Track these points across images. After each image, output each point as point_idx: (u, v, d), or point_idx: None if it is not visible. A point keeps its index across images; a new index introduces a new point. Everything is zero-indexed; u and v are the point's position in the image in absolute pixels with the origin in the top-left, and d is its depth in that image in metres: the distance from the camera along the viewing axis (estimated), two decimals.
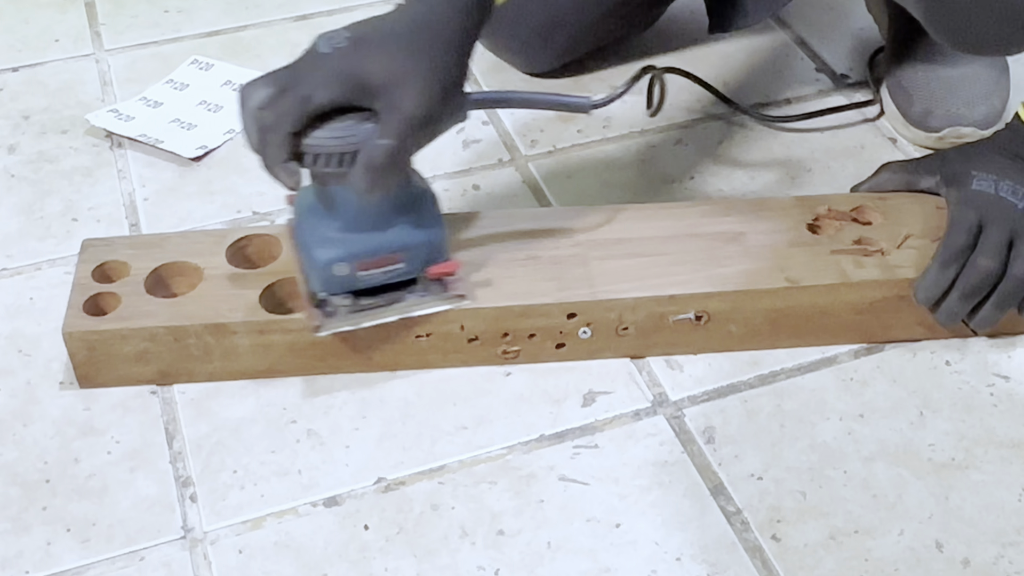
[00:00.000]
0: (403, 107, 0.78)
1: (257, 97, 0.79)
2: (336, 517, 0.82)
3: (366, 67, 0.78)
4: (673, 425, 0.88)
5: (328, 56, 0.79)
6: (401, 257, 0.86)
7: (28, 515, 0.82)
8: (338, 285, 0.86)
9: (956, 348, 0.93)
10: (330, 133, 0.79)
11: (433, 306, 0.88)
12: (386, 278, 0.87)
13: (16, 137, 1.18)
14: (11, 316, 0.98)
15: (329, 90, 0.78)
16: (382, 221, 0.85)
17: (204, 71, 1.26)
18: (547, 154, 1.14)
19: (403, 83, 0.78)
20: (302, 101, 0.78)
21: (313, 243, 0.85)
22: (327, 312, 0.86)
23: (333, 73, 0.79)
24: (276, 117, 0.78)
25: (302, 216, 0.87)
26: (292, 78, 0.79)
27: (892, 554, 0.79)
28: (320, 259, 0.84)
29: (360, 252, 0.85)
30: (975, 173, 0.92)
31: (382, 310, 0.87)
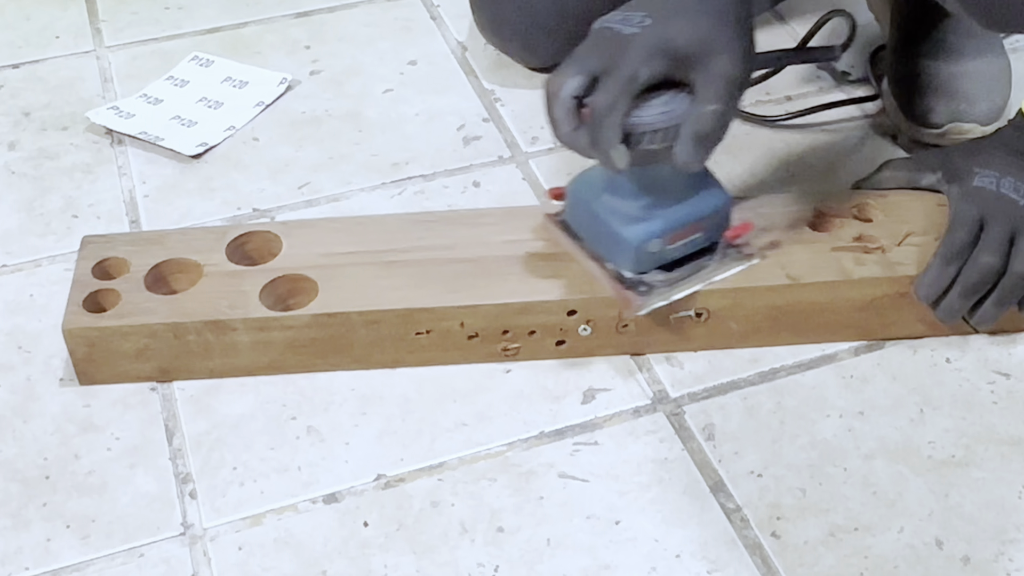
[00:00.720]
0: (724, 71, 0.79)
1: (570, 86, 0.80)
2: (336, 514, 0.82)
3: (680, 39, 0.79)
4: (673, 422, 0.88)
5: (638, 35, 0.80)
6: (702, 225, 0.87)
7: (28, 511, 0.83)
8: (651, 262, 0.87)
9: (956, 345, 0.93)
10: (656, 110, 0.80)
11: (734, 267, 0.89)
12: (689, 248, 0.88)
13: (17, 134, 1.18)
14: (11, 312, 0.98)
15: (652, 66, 0.79)
16: (681, 193, 0.86)
17: (204, 68, 1.25)
18: (548, 151, 1.14)
19: (718, 49, 0.79)
20: (628, 81, 0.79)
21: (621, 224, 0.86)
22: (640, 292, 0.87)
23: (650, 49, 0.79)
24: (610, 100, 0.79)
25: (595, 202, 0.87)
26: (606, 62, 0.80)
27: (892, 551, 0.79)
28: (634, 238, 0.85)
29: (669, 226, 0.86)
30: (977, 170, 0.92)
31: (691, 279, 0.88)
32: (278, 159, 1.13)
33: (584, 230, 0.90)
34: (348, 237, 0.94)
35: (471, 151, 1.14)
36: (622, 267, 0.87)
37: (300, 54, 1.28)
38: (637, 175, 0.84)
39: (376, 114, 1.19)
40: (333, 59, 1.27)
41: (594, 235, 0.89)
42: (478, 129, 1.17)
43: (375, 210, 1.07)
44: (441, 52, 1.27)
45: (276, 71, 1.24)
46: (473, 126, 1.17)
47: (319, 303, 0.89)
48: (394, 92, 1.22)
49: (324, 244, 0.93)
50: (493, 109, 1.19)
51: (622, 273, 0.87)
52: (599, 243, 0.88)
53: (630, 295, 0.87)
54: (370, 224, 0.97)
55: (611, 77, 0.79)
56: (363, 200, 1.09)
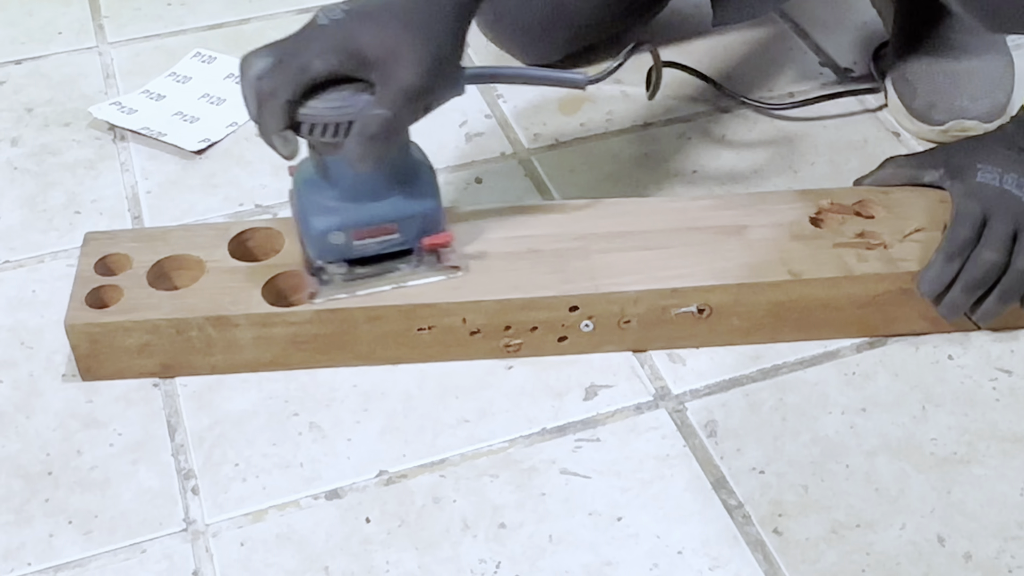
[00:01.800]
0: (398, 78, 0.79)
1: (256, 67, 0.80)
2: (338, 510, 0.82)
3: (362, 38, 0.79)
4: (675, 419, 0.88)
5: (326, 27, 0.80)
6: (396, 227, 0.87)
7: (30, 507, 0.83)
8: (334, 253, 0.87)
9: (959, 342, 0.93)
10: (326, 103, 0.80)
11: (427, 277, 0.89)
12: (381, 248, 0.88)
13: (19, 130, 1.18)
14: (14, 308, 0.98)
15: (325, 60, 0.79)
16: (379, 191, 0.86)
17: (207, 64, 1.26)
18: (549, 147, 1.14)
19: (398, 55, 0.79)
20: (299, 71, 0.79)
21: (310, 211, 0.87)
22: (323, 280, 0.88)
23: (330, 44, 0.80)
24: (274, 86, 0.79)
25: (300, 185, 0.88)
26: (291, 48, 0.80)
27: (894, 548, 0.79)
28: (316, 227, 0.86)
29: (356, 221, 0.86)
30: (980, 166, 0.92)
31: (377, 279, 0.88)
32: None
33: (295, 210, 0.90)
34: None
35: (473, 147, 1.14)
36: (308, 253, 0.88)
37: None
38: (334, 167, 0.85)
39: None
40: None
41: (297, 217, 0.90)
42: (480, 125, 1.17)
43: None
44: None
45: None
46: (475, 122, 1.17)
47: (321, 299, 0.89)
48: None
49: None
50: (495, 106, 1.19)
51: (310, 258, 0.88)
52: (299, 226, 0.90)
53: (310, 280, 0.88)
54: None
55: (284, 65, 0.79)
56: None
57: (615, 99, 1.19)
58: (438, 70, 0.81)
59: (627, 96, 1.19)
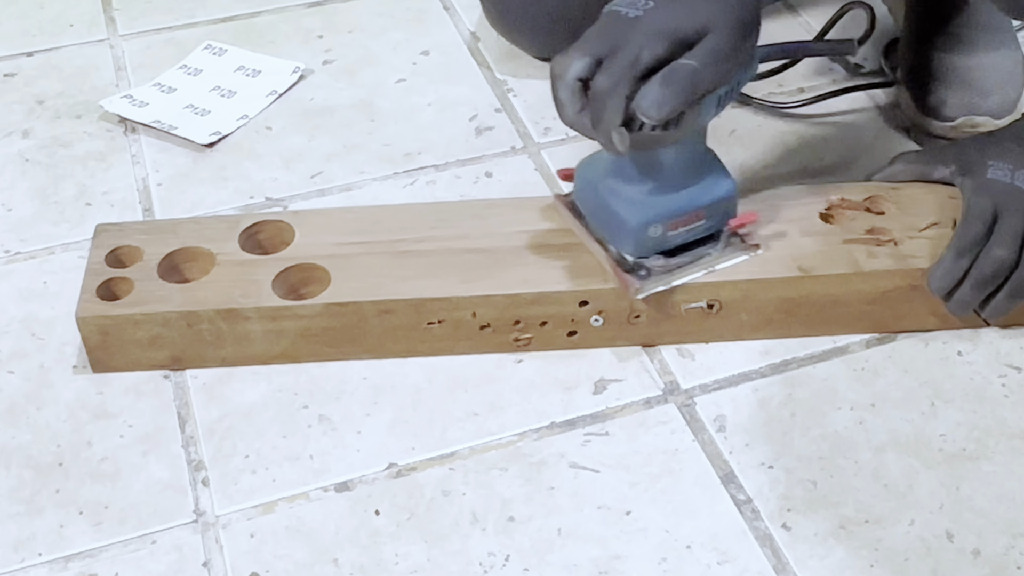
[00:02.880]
0: (710, 40, 0.80)
1: (575, 68, 0.81)
2: (347, 502, 0.82)
3: (680, 21, 0.80)
4: (684, 413, 0.88)
5: (641, 18, 0.80)
6: (705, 213, 0.88)
7: (41, 498, 0.83)
8: (651, 247, 0.87)
9: (968, 338, 0.93)
10: None
11: (735, 257, 0.89)
12: (691, 236, 0.88)
13: (30, 122, 1.18)
14: (25, 300, 0.98)
15: (652, 49, 0.79)
16: (687, 180, 0.87)
17: (218, 57, 1.26)
18: (560, 142, 1.14)
19: (713, 24, 0.80)
20: (630, 64, 0.79)
21: (623, 208, 0.87)
22: (640, 276, 0.87)
23: (651, 32, 0.80)
24: (611, 82, 0.79)
25: (600, 185, 0.88)
26: (610, 44, 0.80)
27: (902, 544, 0.79)
28: (634, 222, 0.86)
29: (671, 212, 0.86)
30: (991, 162, 0.91)
31: (691, 266, 0.89)
32: (291, 148, 1.14)
33: (590, 212, 0.91)
34: (360, 226, 0.95)
35: (483, 141, 1.14)
36: (623, 250, 0.88)
37: (313, 44, 1.28)
38: (641, 159, 0.85)
39: (389, 104, 1.19)
40: (346, 49, 1.27)
41: (598, 217, 0.90)
42: (490, 119, 1.17)
43: (387, 200, 1.07)
44: (453, 42, 1.27)
45: (289, 60, 1.24)
46: (485, 116, 1.17)
47: (331, 292, 0.89)
48: (407, 82, 1.22)
49: (336, 233, 0.94)
50: (505, 99, 1.19)
51: (623, 256, 0.88)
52: (603, 226, 0.89)
53: (629, 278, 0.87)
54: (382, 214, 0.97)
55: (614, 59, 0.80)
56: (375, 190, 1.09)
57: None
58: (743, 41, 0.82)
59: None
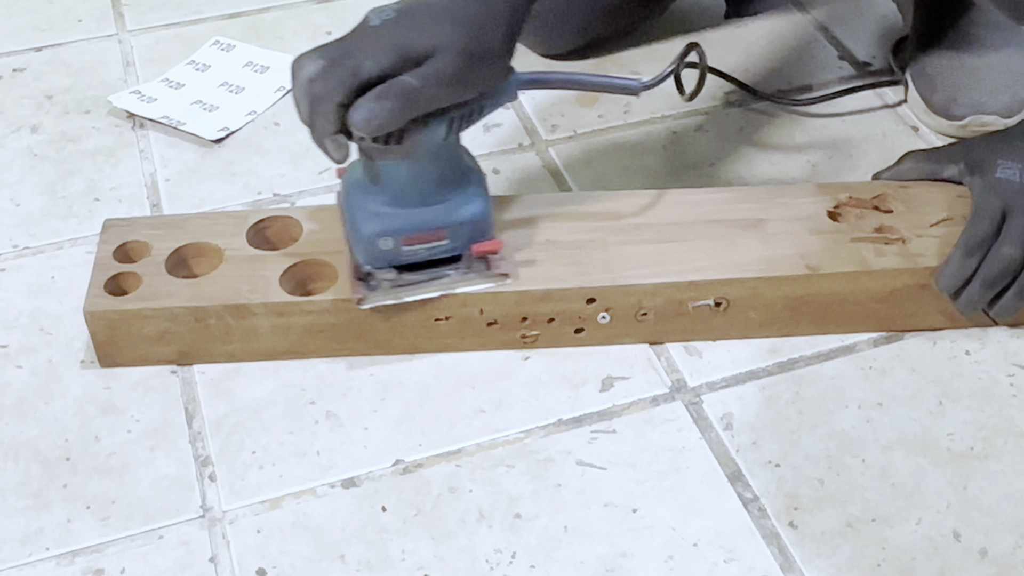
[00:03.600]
0: (436, 62, 0.78)
1: (308, 69, 0.79)
2: (354, 498, 0.82)
3: (412, 36, 0.78)
4: (691, 411, 0.88)
5: (377, 28, 0.79)
6: (446, 233, 0.87)
7: (49, 492, 0.83)
8: (383, 259, 0.87)
9: (976, 337, 0.92)
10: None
11: (476, 284, 0.88)
12: (430, 254, 0.87)
13: (39, 117, 1.18)
14: (33, 294, 0.98)
15: (377, 61, 0.78)
16: (429, 197, 0.85)
17: (226, 52, 1.26)
18: (568, 139, 1.14)
19: (443, 46, 0.78)
20: (351, 73, 0.78)
21: (359, 216, 0.86)
22: (371, 286, 0.87)
23: (381, 44, 0.79)
24: (327, 88, 0.78)
25: (350, 189, 0.88)
26: (342, 50, 0.79)
27: (909, 543, 0.79)
28: (365, 232, 0.86)
29: (405, 227, 0.86)
30: (1000, 161, 0.91)
31: (425, 285, 0.88)
32: (299, 144, 1.14)
33: (344, 214, 0.90)
34: None
35: (491, 138, 1.14)
36: (358, 257, 0.87)
37: (321, 39, 1.25)
38: (384, 170, 0.84)
39: None
40: None
41: (346, 221, 0.89)
42: (498, 116, 1.17)
43: None
44: None
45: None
46: (493, 114, 1.16)
47: (339, 288, 0.89)
48: None
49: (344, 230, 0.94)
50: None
51: (358, 263, 0.88)
52: (347, 230, 0.89)
53: (357, 285, 0.87)
54: None
55: (337, 67, 0.78)
56: None
57: None
58: (480, 65, 0.80)
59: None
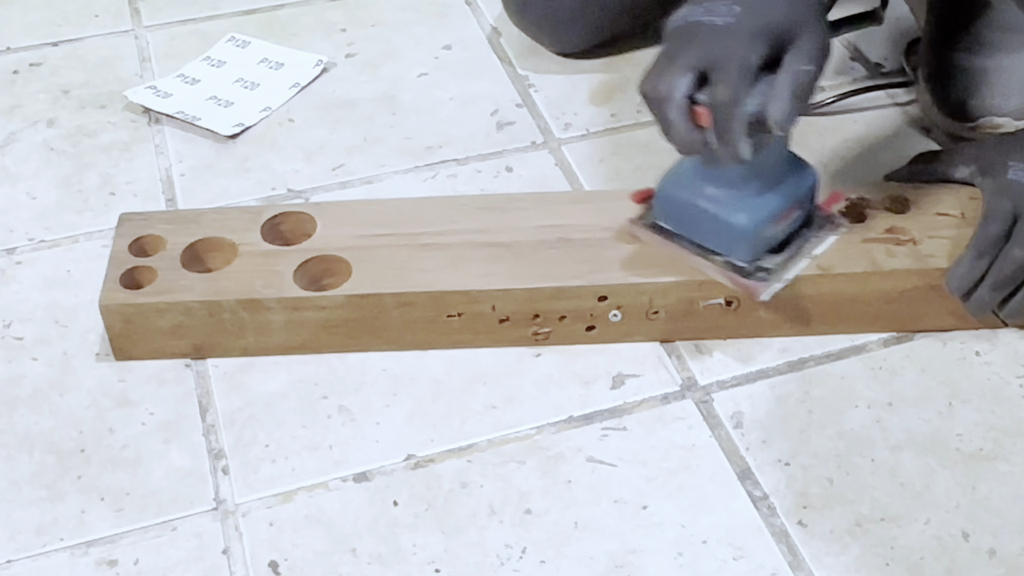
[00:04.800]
0: (815, 41, 0.79)
1: (684, 84, 0.78)
2: (366, 492, 0.83)
3: (775, 20, 0.79)
4: (701, 409, 0.88)
5: (733, 24, 0.79)
6: (802, 203, 0.87)
7: (63, 483, 0.84)
8: (764, 246, 0.86)
9: (986, 339, 0.93)
10: (758, 96, 0.78)
11: (829, 238, 0.89)
12: (793, 227, 0.88)
13: (55, 111, 1.19)
14: (49, 287, 0.99)
15: (758, 51, 0.78)
16: (779, 176, 0.86)
17: (241, 49, 1.26)
18: (581, 137, 1.14)
19: (808, 24, 0.79)
20: (743, 70, 0.77)
21: (731, 213, 0.84)
22: (760, 278, 0.86)
23: (752, 35, 0.78)
24: (732, 93, 0.77)
25: (695, 196, 0.86)
26: (711, 55, 0.78)
27: (918, 543, 0.79)
28: (749, 224, 0.84)
29: (778, 207, 0.85)
30: (1011, 164, 0.91)
31: (798, 256, 0.88)
32: (313, 140, 1.14)
33: (686, 227, 0.87)
34: (382, 219, 0.95)
35: (504, 136, 1.15)
36: (738, 256, 0.86)
37: (336, 37, 1.29)
38: (751, 161, 0.82)
39: (410, 98, 1.20)
40: (369, 42, 1.27)
41: (700, 230, 0.87)
42: (511, 114, 1.17)
43: (408, 193, 1.08)
44: (476, 37, 1.28)
45: (312, 53, 1.24)
46: (507, 111, 1.18)
47: (352, 284, 0.90)
48: (428, 76, 1.23)
49: (358, 225, 0.94)
50: (527, 95, 1.20)
51: (735, 263, 0.86)
52: (707, 237, 0.87)
53: (751, 283, 0.86)
54: (404, 206, 0.98)
55: (725, 69, 0.77)
56: (396, 183, 1.09)
57: None
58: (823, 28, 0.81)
59: None
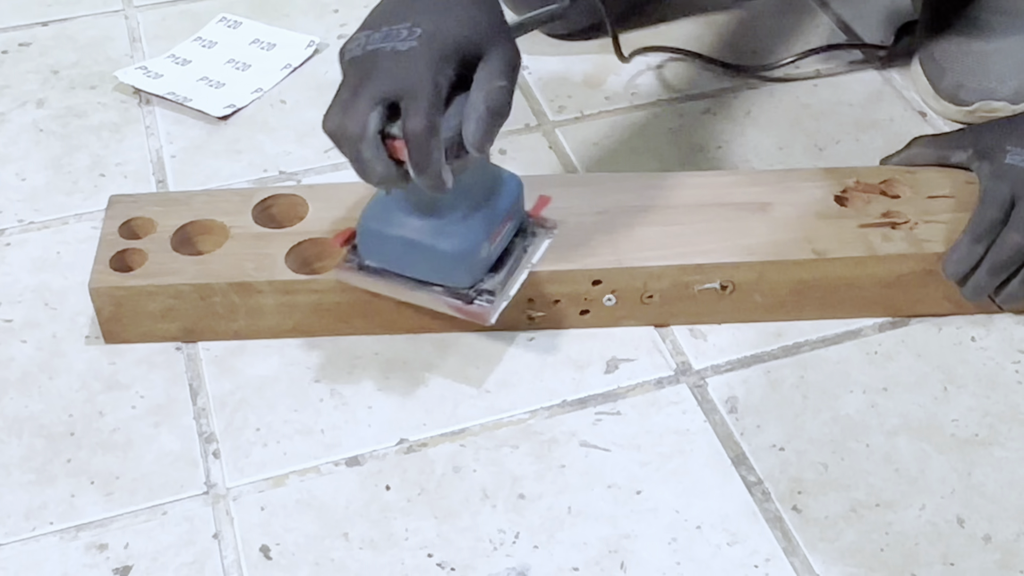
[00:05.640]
0: (505, 55, 0.77)
1: (375, 120, 0.74)
2: (358, 477, 0.82)
3: (459, 38, 0.75)
4: (696, 394, 0.88)
5: (416, 48, 0.75)
6: (512, 214, 0.86)
7: (53, 467, 0.83)
8: (481, 268, 0.84)
9: (982, 324, 0.92)
10: (451, 120, 0.75)
11: (544, 242, 0.88)
12: (506, 241, 0.86)
13: (45, 92, 1.18)
14: (38, 269, 0.98)
15: (445, 74, 0.75)
16: (484, 191, 0.83)
17: (232, 29, 1.25)
18: (574, 120, 1.14)
19: (495, 38, 0.76)
20: (434, 97, 0.74)
21: (445, 243, 0.82)
22: (487, 301, 0.83)
23: (438, 57, 0.75)
24: (427, 123, 0.73)
25: (400, 230, 0.82)
26: (398, 85, 0.74)
27: (913, 528, 0.79)
28: (463, 250, 0.82)
29: (489, 226, 0.83)
30: (1008, 148, 0.91)
31: (518, 270, 0.86)
32: (305, 122, 1.13)
33: (396, 263, 0.84)
34: None
35: None
36: (458, 283, 0.83)
37: (328, 17, 1.28)
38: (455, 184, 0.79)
39: None
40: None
41: (412, 263, 0.84)
42: None
43: None
44: None
45: (304, 34, 1.23)
46: None
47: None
48: None
49: (350, 208, 0.94)
50: (521, 77, 1.18)
51: (457, 290, 0.84)
52: (421, 270, 0.84)
53: (476, 309, 0.83)
54: None
55: (415, 98, 0.73)
56: None
57: (641, 73, 1.18)
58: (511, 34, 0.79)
59: (653, 70, 1.19)
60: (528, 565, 0.77)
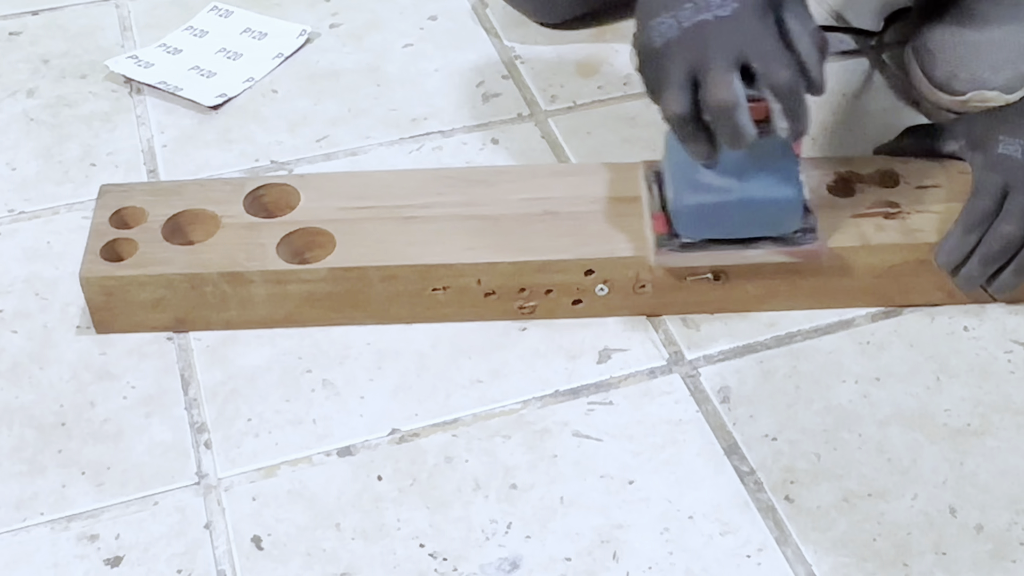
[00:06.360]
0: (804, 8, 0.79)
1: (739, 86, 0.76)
2: (350, 467, 0.82)
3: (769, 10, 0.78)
4: (688, 384, 0.88)
5: (739, 8, 0.77)
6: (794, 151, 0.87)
7: (44, 457, 0.83)
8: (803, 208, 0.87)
9: (974, 314, 0.92)
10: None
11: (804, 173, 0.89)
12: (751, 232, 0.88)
13: (35, 81, 1.18)
14: (29, 259, 0.98)
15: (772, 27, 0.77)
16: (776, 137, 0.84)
17: (224, 18, 1.25)
18: (567, 110, 1.13)
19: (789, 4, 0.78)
20: (783, 49, 0.77)
21: (776, 191, 0.84)
22: (808, 240, 0.87)
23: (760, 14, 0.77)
24: (790, 74, 0.76)
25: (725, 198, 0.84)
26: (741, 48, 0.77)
27: (905, 518, 0.79)
28: (795, 194, 0.85)
29: (794, 164, 0.85)
30: (1001, 138, 0.91)
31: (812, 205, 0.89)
32: (296, 112, 1.13)
33: (721, 229, 0.86)
34: (366, 191, 0.94)
35: (490, 108, 1.14)
36: (788, 228, 0.86)
37: (320, 7, 1.27)
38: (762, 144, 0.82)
39: (395, 69, 1.19)
40: (353, 12, 1.26)
41: (740, 224, 0.86)
42: (497, 86, 1.16)
43: (393, 165, 1.07)
44: (461, 8, 1.27)
45: (296, 23, 1.23)
46: (492, 83, 1.16)
47: (336, 257, 0.89)
48: (414, 47, 1.21)
49: (342, 198, 0.93)
50: (513, 66, 1.18)
51: (783, 237, 0.87)
52: (750, 227, 0.86)
53: (810, 247, 0.87)
54: (388, 179, 0.97)
55: (769, 56, 0.76)
56: (381, 155, 1.08)
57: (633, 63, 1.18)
58: None
59: None
60: (520, 555, 0.77)
